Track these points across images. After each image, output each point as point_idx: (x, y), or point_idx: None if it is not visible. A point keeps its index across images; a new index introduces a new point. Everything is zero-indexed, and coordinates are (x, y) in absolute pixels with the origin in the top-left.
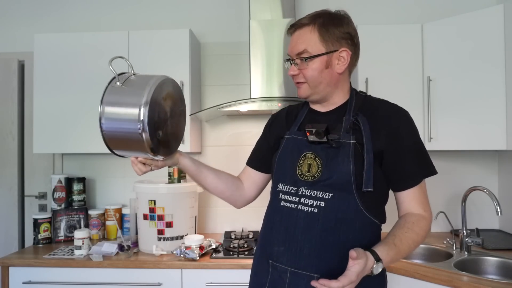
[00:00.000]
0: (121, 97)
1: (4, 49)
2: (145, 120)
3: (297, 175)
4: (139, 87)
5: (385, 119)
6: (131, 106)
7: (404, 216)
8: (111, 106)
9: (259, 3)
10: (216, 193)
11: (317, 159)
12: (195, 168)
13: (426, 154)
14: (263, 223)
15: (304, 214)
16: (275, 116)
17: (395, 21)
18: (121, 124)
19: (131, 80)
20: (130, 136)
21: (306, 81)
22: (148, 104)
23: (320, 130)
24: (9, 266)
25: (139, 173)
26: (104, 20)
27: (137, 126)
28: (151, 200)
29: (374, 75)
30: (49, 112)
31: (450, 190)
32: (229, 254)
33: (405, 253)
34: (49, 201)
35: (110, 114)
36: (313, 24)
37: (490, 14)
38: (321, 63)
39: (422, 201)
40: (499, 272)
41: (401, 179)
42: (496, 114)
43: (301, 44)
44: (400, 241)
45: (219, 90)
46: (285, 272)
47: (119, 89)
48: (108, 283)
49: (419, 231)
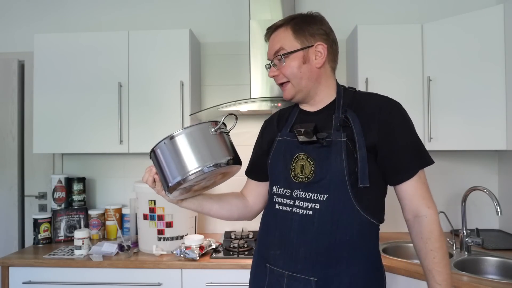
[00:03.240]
0: (193, 145)
1: (4, 49)
2: (186, 180)
3: (291, 177)
4: (214, 150)
5: (376, 112)
6: (189, 162)
7: (416, 231)
8: (183, 141)
9: (259, 3)
10: (224, 219)
11: (309, 160)
12: (195, 207)
13: (421, 144)
14: (259, 228)
15: (299, 217)
16: (268, 121)
17: (395, 21)
18: (169, 160)
19: (219, 137)
20: (165, 173)
21: (288, 79)
22: (197, 175)
23: (309, 130)
24: (9, 266)
25: (144, 180)
26: (104, 20)
27: (174, 179)
28: (151, 200)
29: (374, 75)
30: (49, 112)
31: (450, 190)
32: (229, 254)
33: (448, 274)
34: (49, 201)
35: (172, 146)
36: (287, 24)
37: (490, 14)
38: (298, 58)
39: (424, 196)
40: (499, 272)
41: (397, 172)
42: (496, 114)
43: (276, 43)
44: (438, 272)
45: (219, 90)
46: (282, 276)
47: (205, 135)
48: (108, 283)
49: (439, 244)
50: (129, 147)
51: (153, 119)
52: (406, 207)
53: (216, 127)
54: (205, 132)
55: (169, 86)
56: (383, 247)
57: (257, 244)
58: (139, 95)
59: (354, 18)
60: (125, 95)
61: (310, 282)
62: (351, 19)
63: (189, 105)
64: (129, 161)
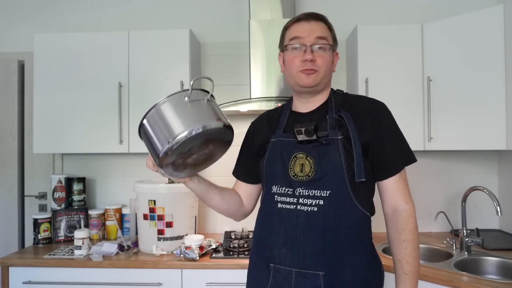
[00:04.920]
0: (175, 112)
1: (4, 49)
2: (172, 148)
3: (291, 176)
4: (195, 115)
5: (367, 112)
6: (173, 128)
7: (392, 223)
8: (162, 112)
9: (259, 3)
10: (219, 212)
11: (309, 158)
12: (200, 191)
13: (406, 142)
14: (257, 228)
15: (304, 214)
16: (256, 123)
17: (395, 21)
18: (156, 131)
19: (198, 103)
20: (153, 146)
21: (318, 69)
22: (185, 138)
23: (310, 129)
24: (9, 266)
25: (146, 165)
26: (104, 20)
27: (163, 147)
28: (151, 200)
29: (374, 75)
30: (49, 112)
31: (450, 190)
32: (229, 254)
33: (416, 266)
34: (49, 201)
35: (155, 117)
36: (325, 21)
37: (490, 14)
38: (331, 56)
39: (403, 191)
40: (499, 272)
41: (384, 168)
42: (496, 114)
43: (323, 31)
44: (407, 263)
45: (219, 90)
46: (290, 274)
47: (182, 104)
48: (108, 283)
49: (412, 237)
50: (129, 147)
51: None
52: (386, 201)
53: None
54: (179, 103)
55: (169, 86)
56: (383, 247)
57: (256, 245)
58: (139, 95)
59: (354, 18)
60: (125, 95)
61: (318, 277)
62: (351, 19)
63: None
64: (129, 161)
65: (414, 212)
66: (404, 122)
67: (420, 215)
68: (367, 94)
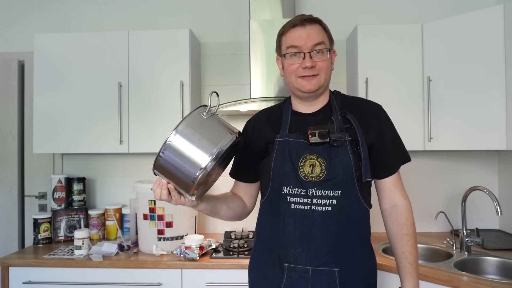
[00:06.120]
0: (196, 135)
1: (4, 49)
2: (207, 169)
3: (301, 177)
4: (215, 133)
5: (370, 114)
6: (202, 150)
7: (393, 218)
8: (184, 137)
9: (259, 3)
10: (227, 220)
11: (319, 160)
12: (210, 209)
13: (402, 143)
14: (265, 229)
15: (320, 214)
16: (255, 123)
17: (395, 21)
18: (182, 160)
19: (211, 119)
20: (182, 175)
21: (318, 73)
22: (217, 156)
23: (324, 132)
24: (9, 266)
25: (158, 197)
26: (104, 20)
27: (196, 172)
28: (151, 200)
29: (374, 75)
30: (49, 112)
31: (450, 190)
32: (229, 254)
33: (417, 257)
34: (49, 201)
35: (177, 144)
36: (320, 23)
37: (490, 14)
38: (329, 58)
39: (401, 188)
40: (499, 272)
41: (385, 167)
42: (496, 114)
43: (319, 36)
44: (411, 254)
45: (219, 90)
46: (306, 272)
47: (201, 122)
48: (108, 283)
49: (413, 230)
50: (129, 147)
51: (153, 119)
52: (385, 198)
53: (207, 110)
54: (199, 119)
55: (169, 86)
56: (383, 247)
57: (264, 245)
58: (139, 95)
59: (354, 18)
60: (125, 95)
61: (333, 273)
62: (351, 19)
63: (189, 105)
64: (129, 161)
65: (411, 208)
66: (404, 122)
67: (420, 215)
68: (367, 94)
